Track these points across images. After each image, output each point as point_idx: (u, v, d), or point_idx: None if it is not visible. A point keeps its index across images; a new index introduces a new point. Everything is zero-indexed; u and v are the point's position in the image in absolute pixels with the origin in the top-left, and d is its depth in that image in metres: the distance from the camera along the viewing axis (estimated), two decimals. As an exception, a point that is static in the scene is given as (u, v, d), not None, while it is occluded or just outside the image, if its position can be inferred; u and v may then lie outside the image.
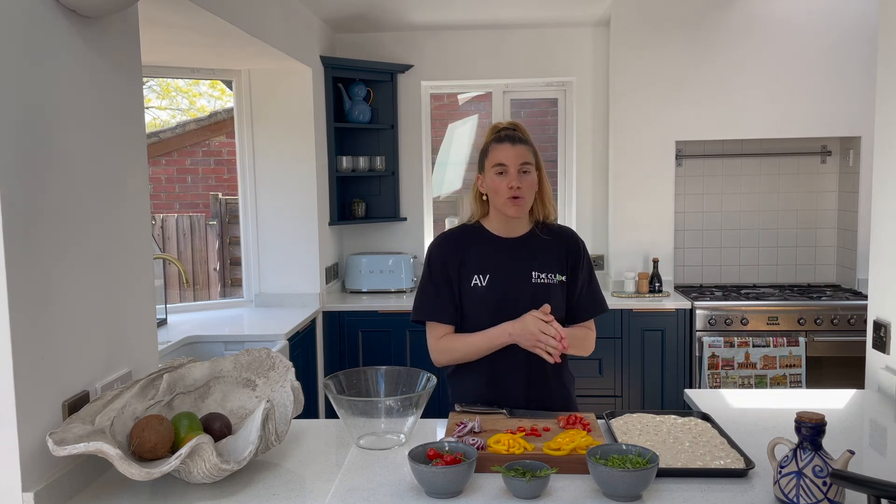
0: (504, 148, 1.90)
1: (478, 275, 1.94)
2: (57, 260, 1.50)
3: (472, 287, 1.93)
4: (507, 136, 1.92)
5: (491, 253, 1.96)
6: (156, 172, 5.81)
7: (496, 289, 1.92)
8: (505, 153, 1.89)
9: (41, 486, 1.39)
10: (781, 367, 3.70)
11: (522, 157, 1.89)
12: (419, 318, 1.99)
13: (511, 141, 1.90)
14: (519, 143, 1.91)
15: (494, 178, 1.90)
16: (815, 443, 1.35)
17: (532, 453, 1.55)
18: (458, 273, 1.95)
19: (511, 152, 1.89)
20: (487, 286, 1.93)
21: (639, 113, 4.09)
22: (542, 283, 1.93)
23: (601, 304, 2.04)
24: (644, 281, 4.05)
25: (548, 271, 1.95)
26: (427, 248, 2.03)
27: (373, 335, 3.99)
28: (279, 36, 3.36)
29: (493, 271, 1.94)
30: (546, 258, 1.96)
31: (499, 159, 1.89)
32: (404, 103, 4.47)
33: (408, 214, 4.55)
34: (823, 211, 4.35)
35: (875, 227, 2.25)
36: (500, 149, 1.90)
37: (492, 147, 1.92)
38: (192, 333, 3.38)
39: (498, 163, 1.89)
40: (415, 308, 2.00)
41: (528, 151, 1.91)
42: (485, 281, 1.93)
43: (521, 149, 1.90)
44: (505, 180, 1.88)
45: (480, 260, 1.95)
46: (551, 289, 1.94)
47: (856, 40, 3.94)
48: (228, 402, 1.72)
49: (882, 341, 2.17)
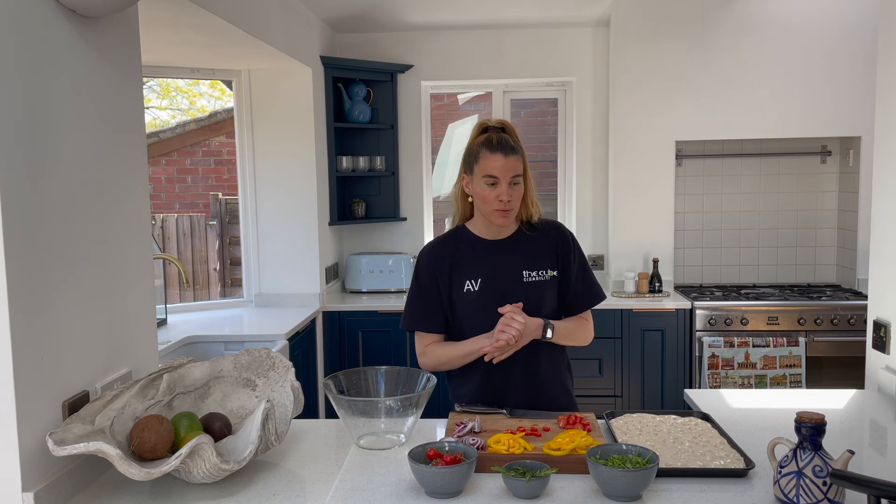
0: (496, 159, 1.85)
1: (469, 280, 1.94)
2: (57, 260, 1.50)
3: (465, 293, 1.94)
4: (499, 145, 1.86)
5: (480, 257, 1.95)
6: (156, 172, 5.81)
7: (489, 292, 1.92)
8: (496, 164, 1.85)
9: (41, 486, 1.39)
10: (781, 367, 3.70)
11: (514, 170, 1.86)
12: (407, 327, 2.02)
13: (503, 151, 1.85)
14: (511, 154, 1.86)
15: (484, 188, 1.87)
16: (815, 443, 1.35)
17: (532, 453, 1.55)
18: (448, 281, 1.95)
19: (503, 164, 1.85)
20: (480, 290, 1.93)
21: (639, 113, 4.09)
22: (534, 280, 1.93)
23: (597, 294, 2.02)
24: (644, 281, 4.05)
25: (538, 268, 1.95)
26: (416, 258, 2.03)
27: (373, 335, 3.99)
28: (279, 36, 3.36)
29: (484, 275, 1.94)
30: (535, 255, 1.96)
31: (490, 170, 1.85)
32: (404, 103, 4.47)
33: (408, 214, 4.55)
34: (823, 211, 4.35)
35: (875, 227, 2.25)
36: (492, 159, 1.85)
37: (483, 155, 1.87)
38: (192, 333, 3.38)
39: (489, 174, 1.86)
40: (403, 317, 2.03)
41: (519, 162, 1.87)
42: (477, 285, 1.93)
43: (512, 160, 1.86)
44: (494, 192, 1.86)
45: (470, 265, 1.95)
46: (543, 286, 1.94)
47: (856, 40, 3.94)
48: (228, 402, 1.72)
49: (882, 341, 2.17)
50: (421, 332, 1.99)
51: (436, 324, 1.97)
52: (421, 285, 1.98)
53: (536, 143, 4.90)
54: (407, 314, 2.01)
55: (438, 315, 1.97)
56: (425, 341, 1.99)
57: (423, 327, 1.98)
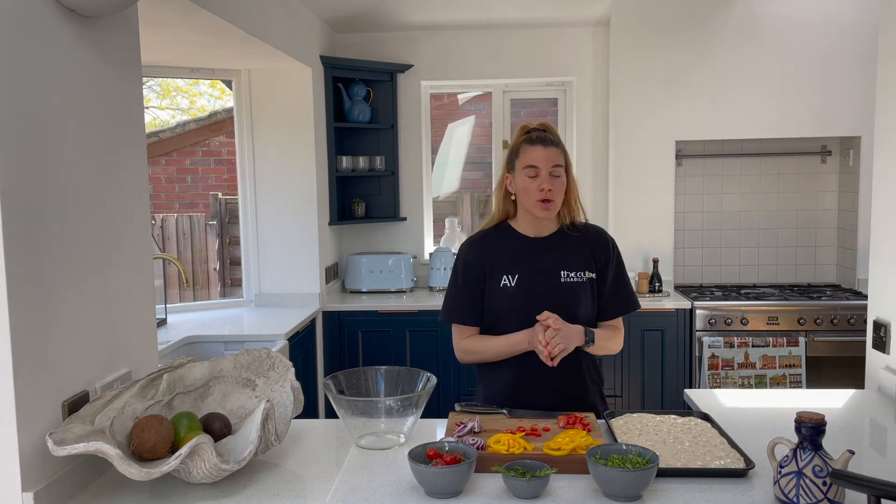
0: (536, 150, 1.90)
1: (507, 275, 1.96)
2: (56, 260, 1.50)
3: (502, 287, 1.95)
4: (538, 138, 1.92)
5: (519, 253, 1.98)
6: (156, 172, 5.81)
7: (525, 288, 1.94)
8: (536, 155, 1.89)
9: (41, 486, 1.39)
10: (781, 367, 3.70)
11: (554, 160, 1.90)
12: (445, 319, 2.03)
13: (543, 143, 1.91)
14: (550, 146, 1.91)
15: (525, 180, 1.91)
16: (815, 443, 1.35)
17: (532, 453, 1.55)
18: (486, 274, 1.98)
19: (542, 154, 1.89)
20: (516, 286, 1.94)
21: (639, 112, 4.09)
22: (571, 281, 1.95)
23: (630, 303, 2.03)
24: (644, 281, 4.05)
25: (576, 269, 1.96)
26: (457, 250, 2.05)
27: (373, 335, 3.99)
28: (279, 36, 3.36)
29: (521, 271, 1.95)
30: (574, 256, 1.97)
31: (530, 161, 1.90)
32: (404, 103, 4.47)
33: (408, 214, 4.55)
34: (823, 211, 4.35)
35: (875, 227, 2.25)
36: (531, 150, 1.90)
37: (523, 148, 1.93)
38: (192, 333, 3.38)
39: (529, 164, 1.90)
40: (442, 309, 2.05)
41: (558, 154, 1.91)
42: (514, 281, 1.95)
43: (552, 151, 1.90)
44: (536, 182, 1.89)
45: (509, 260, 1.97)
46: (580, 287, 1.95)
47: (856, 40, 3.94)
48: (228, 402, 1.72)
49: (882, 341, 2.17)
50: (458, 324, 2.01)
51: (473, 317, 1.99)
52: (460, 278, 2.01)
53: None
54: (446, 306, 2.03)
55: (476, 308, 1.99)
56: (463, 334, 2.01)
57: (461, 320, 2.00)
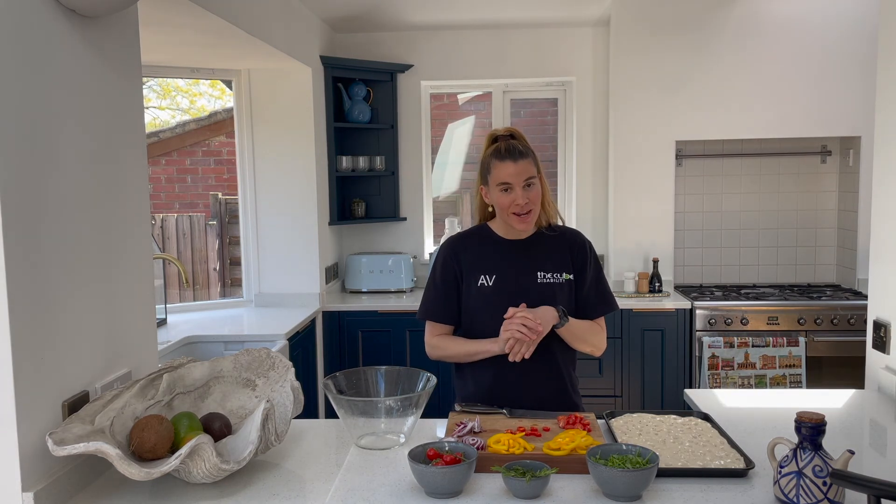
0: (506, 166, 1.88)
1: (484, 275, 1.96)
2: (57, 260, 1.50)
3: (479, 287, 1.96)
4: (507, 151, 1.90)
5: (497, 254, 1.99)
6: (156, 172, 5.80)
7: (502, 288, 1.94)
8: (507, 171, 1.88)
9: (41, 486, 1.39)
10: (781, 367, 3.70)
11: (526, 173, 1.89)
12: (422, 318, 2.06)
13: (512, 157, 1.89)
14: (520, 158, 1.89)
15: (500, 195, 1.91)
16: (815, 443, 1.35)
17: (532, 453, 1.55)
18: (463, 274, 1.99)
19: (514, 170, 1.88)
20: (494, 286, 1.95)
21: (639, 113, 4.09)
22: (548, 282, 1.95)
23: (609, 303, 2.04)
24: (644, 281, 4.05)
25: (553, 271, 1.96)
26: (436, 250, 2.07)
27: (373, 335, 3.99)
28: (279, 36, 3.36)
29: (499, 272, 1.96)
30: (552, 258, 1.98)
31: (502, 178, 1.89)
32: (404, 103, 4.47)
33: (408, 214, 4.55)
34: (823, 211, 4.35)
35: (875, 227, 2.25)
36: (502, 167, 1.89)
37: (494, 164, 1.91)
38: (192, 333, 3.38)
39: (502, 182, 1.89)
40: (420, 307, 2.07)
41: (530, 164, 1.90)
42: (491, 281, 1.96)
43: (522, 164, 1.89)
44: (510, 197, 1.89)
45: (487, 260, 1.98)
46: (557, 288, 1.95)
47: (856, 40, 3.94)
48: (228, 402, 1.72)
49: (882, 341, 2.17)
50: (431, 321, 2.03)
51: (447, 315, 2.01)
52: (436, 277, 2.03)
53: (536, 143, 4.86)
54: (422, 304, 2.05)
55: (451, 307, 2.00)
56: (435, 331, 2.03)
57: (435, 317, 2.02)
